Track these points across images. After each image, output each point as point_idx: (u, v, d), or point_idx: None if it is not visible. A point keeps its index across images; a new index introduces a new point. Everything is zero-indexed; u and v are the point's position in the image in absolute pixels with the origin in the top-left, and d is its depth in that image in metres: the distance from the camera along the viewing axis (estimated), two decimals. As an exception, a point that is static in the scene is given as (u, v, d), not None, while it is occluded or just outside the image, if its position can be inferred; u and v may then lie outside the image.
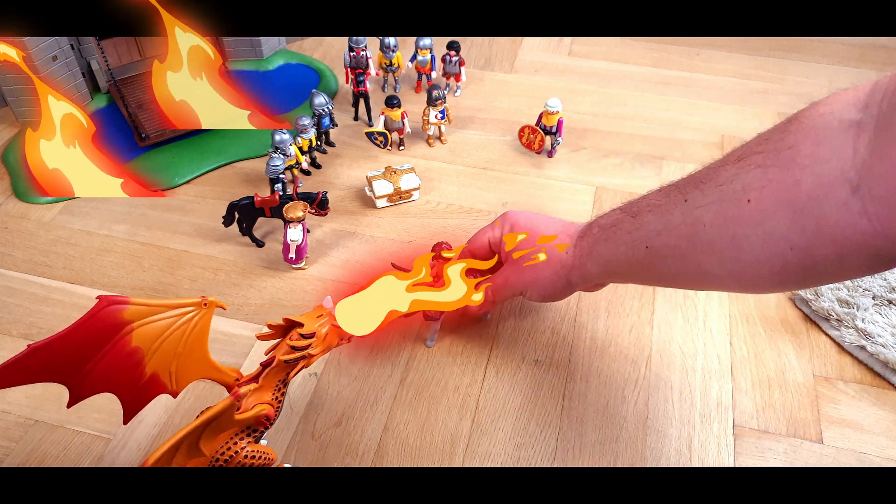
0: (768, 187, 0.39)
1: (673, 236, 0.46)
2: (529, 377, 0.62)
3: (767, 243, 0.40)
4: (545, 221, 0.58)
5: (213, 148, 0.86)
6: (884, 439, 0.58)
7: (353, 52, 0.87)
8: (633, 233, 0.49)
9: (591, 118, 0.93)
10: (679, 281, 0.50)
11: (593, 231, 0.53)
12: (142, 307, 0.44)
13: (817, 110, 0.39)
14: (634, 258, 0.49)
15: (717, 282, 0.46)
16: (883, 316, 0.65)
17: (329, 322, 0.49)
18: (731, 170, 0.42)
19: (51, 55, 0.84)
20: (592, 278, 0.54)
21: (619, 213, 0.51)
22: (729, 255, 0.42)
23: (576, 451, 0.57)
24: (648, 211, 0.48)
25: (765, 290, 0.46)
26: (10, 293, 0.69)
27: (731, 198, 0.41)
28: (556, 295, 0.58)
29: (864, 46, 1.10)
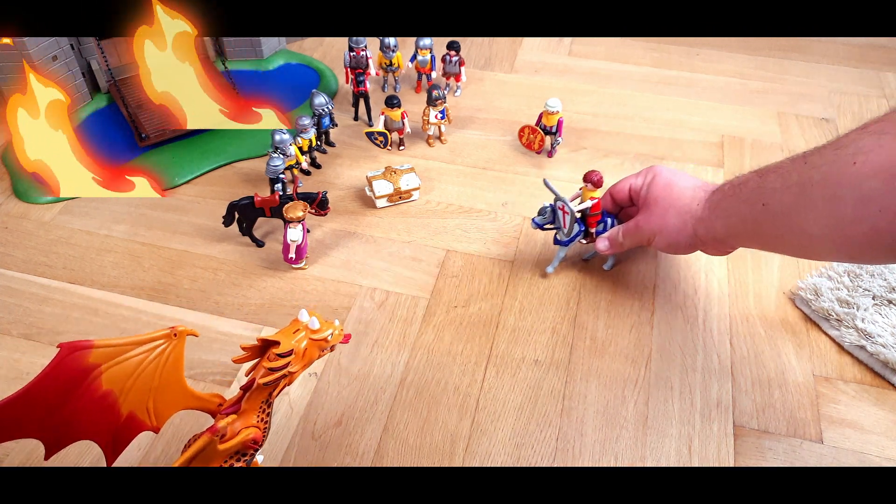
0: (876, 152, 0.41)
1: (786, 194, 0.48)
2: (529, 377, 0.62)
3: (860, 204, 0.42)
4: (685, 176, 0.62)
5: (213, 148, 0.86)
6: (884, 439, 0.58)
7: (353, 52, 0.87)
8: (756, 190, 0.51)
9: (591, 118, 0.93)
10: (787, 240, 0.52)
11: (724, 188, 0.56)
12: (108, 349, 0.42)
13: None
14: (751, 215, 0.52)
15: (818, 244, 0.48)
16: (883, 316, 0.65)
17: (307, 336, 0.47)
18: (853, 135, 0.44)
19: (51, 55, 0.84)
20: (716, 233, 0.57)
21: (750, 174, 0.54)
22: (826, 214, 0.44)
23: (576, 451, 0.57)
24: (774, 171, 0.50)
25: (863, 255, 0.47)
26: (10, 293, 0.69)
27: (842, 160, 0.43)
28: (681, 245, 0.61)
29: (864, 46, 1.10)
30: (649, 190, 0.62)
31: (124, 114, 0.88)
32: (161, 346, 0.45)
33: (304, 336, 0.47)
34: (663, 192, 0.61)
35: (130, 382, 0.44)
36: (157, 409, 0.46)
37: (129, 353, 0.43)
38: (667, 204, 0.60)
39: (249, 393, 0.47)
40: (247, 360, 0.47)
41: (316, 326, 0.48)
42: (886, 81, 1.02)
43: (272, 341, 0.46)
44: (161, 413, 0.46)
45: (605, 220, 0.67)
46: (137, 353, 0.44)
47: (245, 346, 0.47)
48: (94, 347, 0.42)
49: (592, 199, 0.66)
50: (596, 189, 0.65)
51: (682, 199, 0.60)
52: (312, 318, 0.48)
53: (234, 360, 0.47)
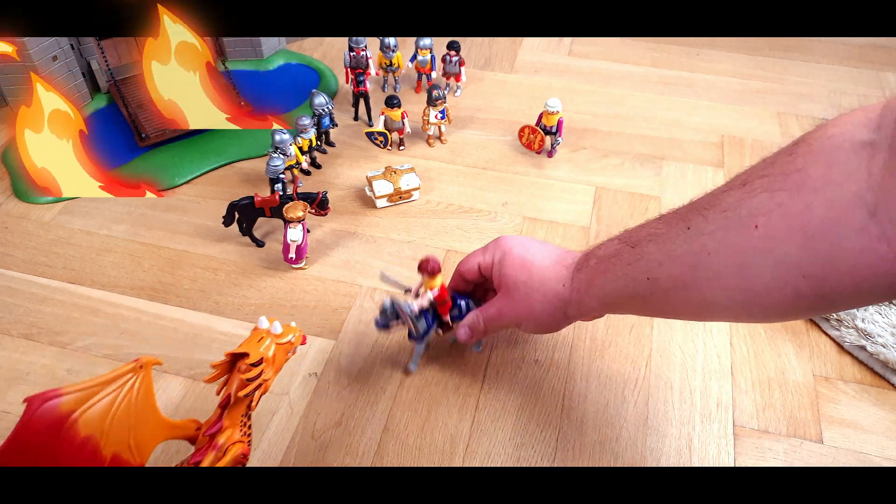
0: (776, 212, 0.38)
1: (676, 266, 0.43)
2: (529, 377, 0.62)
3: (778, 272, 0.38)
4: (539, 249, 0.55)
5: (213, 148, 0.86)
6: (884, 439, 0.58)
7: (353, 52, 0.87)
8: (633, 264, 0.46)
9: (591, 118, 0.94)
10: (683, 312, 0.48)
11: (591, 263, 0.51)
12: (77, 393, 0.41)
13: (826, 132, 0.37)
14: (635, 290, 0.47)
15: (724, 312, 0.44)
16: (883, 316, 0.65)
17: (273, 342, 0.47)
18: (736, 195, 0.40)
19: (51, 55, 0.84)
20: (591, 311, 0.52)
21: (617, 244, 0.49)
22: (736, 284, 0.40)
23: (576, 451, 0.57)
24: (649, 240, 0.46)
25: (774, 319, 0.45)
26: (10, 293, 0.69)
27: (738, 224, 0.39)
28: (552, 327, 0.56)
29: (864, 46, 1.10)
30: (503, 272, 0.55)
31: (124, 114, 0.88)
32: (130, 381, 0.44)
33: (270, 343, 0.47)
34: (522, 275, 0.54)
35: (107, 424, 0.43)
36: (139, 445, 0.45)
37: (99, 395, 0.42)
38: (528, 288, 0.54)
39: (228, 409, 0.46)
40: (217, 377, 0.47)
41: (279, 331, 0.48)
42: (886, 81, 1.02)
43: (240, 354, 0.46)
44: (143, 449, 0.45)
45: (459, 303, 0.59)
46: (107, 392, 0.43)
47: (214, 363, 0.46)
48: (63, 395, 0.41)
49: (432, 290, 0.57)
50: (434, 278, 0.56)
51: (544, 283, 0.53)
52: (275, 322, 0.48)
53: (205, 380, 0.47)
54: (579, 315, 0.53)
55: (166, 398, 0.59)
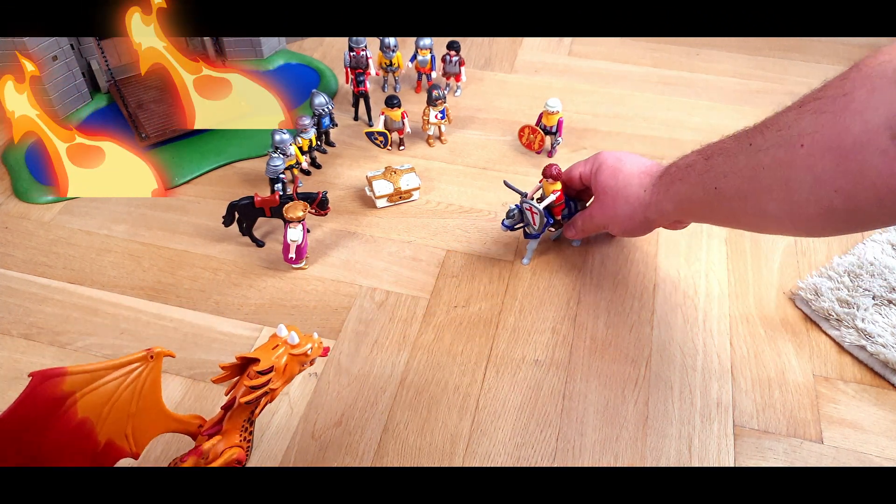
0: (820, 132, 0.42)
1: (737, 178, 0.49)
2: (529, 377, 0.62)
3: (815, 186, 0.43)
4: (631, 161, 0.63)
5: (213, 148, 0.86)
6: (884, 439, 0.58)
7: (353, 52, 0.87)
8: (704, 174, 0.53)
9: (591, 118, 0.93)
10: (743, 220, 0.53)
11: (671, 171, 0.58)
12: (82, 375, 0.41)
13: (877, 58, 0.40)
14: (704, 198, 0.53)
15: (776, 223, 0.49)
16: (883, 316, 0.65)
17: (287, 352, 0.47)
18: (792, 115, 0.45)
19: (51, 55, 0.84)
20: (668, 215, 0.59)
21: (695, 156, 0.55)
22: (783, 197, 0.45)
23: (576, 451, 0.57)
24: (719, 154, 0.52)
25: (817, 231, 0.50)
26: (10, 293, 0.69)
27: (788, 142, 0.44)
28: (635, 230, 0.64)
29: (864, 46, 1.09)
30: (597, 179, 0.64)
31: (124, 114, 0.88)
32: (137, 370, 0.44)
33: (283, 352, 0.46)
34: (611, 181, 0.63)
35: (107, 409, 0.43)
36: (136, 434, 0.45)
37: (104, 379, 0.42)
38: (615, 192, 0.62)
39: (231, 412, 0.46)
40: (226, 379, 0.46)
41: (295, 341, 0.47)
42: (886, 81, 1.02)
43: (252, 359, 0.45)
44: (140, 438, 0.45)
45: (570, 203, 0.70)
46: (113, 377, 0.43)
47: (224, 364, 0.46)
48: (68, 374, 0.41)
49: (555, 192, 0.68)
50: (556, 182, 0.67)
51: (629, 187, 0.61)
52: (291, 332, 0.47)
53: (213, 381, 0.47)
54: (657, 217, 0.60)
55: (166, 398, 0.59)
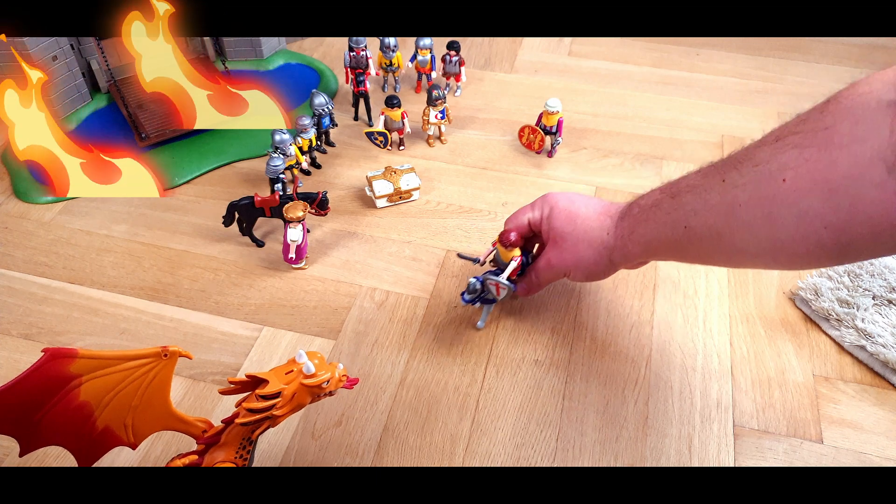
0: (804, 167, 0.40)
1: (711, 215, 0.47)
2: (529, 377, 0.62)
3: (802, 222, 0.41)
4: (585, 202, 0.59)
5: (213, 148, 0.86)
6: (884, 439, 0.58)
7: (353, 52, 0.87)
8: (672, 213, 0.50)
9: (591, 118, 0.93)
10: (716, 258, 0.52)
11: (633, 212, 0.55)
12: (91, 360, 0.42)
13: (856, 90, 0.40)
14: (673, 238, 0.51)
15: (753, 259, 0.47)
16: (883, 316, 0.65)
17: (298, 380, 0.44)
18: (769, 150, 0.43)
19: (51, 55, 0.84)
20: (634, 257, 0.56)
21: (658, 194, 0.53)
22: (764, 234, 0.44)
23: (576, 451, 0.57)
24: (687, 191, 0.49)
25: (800, 267, 0.49)
26: (10, 293, 0.69)
27: (768, 177, 0.42)
28: (599, 274, 0.60)
29: (864, 46, 1.10)
30: (551, 224, 0.59)
31: (124, 114, 0.88)
32: (148, 365, 0.44)
33: (295, 378, 0.44)
34: (568, 226, 0.58)
35: (109, 397, 0.43)
36: (136, 426, 0.45)
37: (112, 368, 0.43)
38: (575, 238, 0.58)
39: (230, 427, 0.45)
40: (233, 392, 0.45)
41: (310, 371, 0.44)
42: (886, 81, 1.02)
43: (261, 379, 0.44)
44: (140, 431, 0.45)
45: (522, 260, 0.62)
46: (121, 368, 0.43)
47: (233, 379, 0.45)
48: (78, 357, 0.41)
49: (515, 259, 0.61)
50: (514, 248, 0.61)
51: (590, 231, 0.57)
52: (308, 361, 0.44)
53: (220, 392, 0.46)
54: (623, 261, 0.57)
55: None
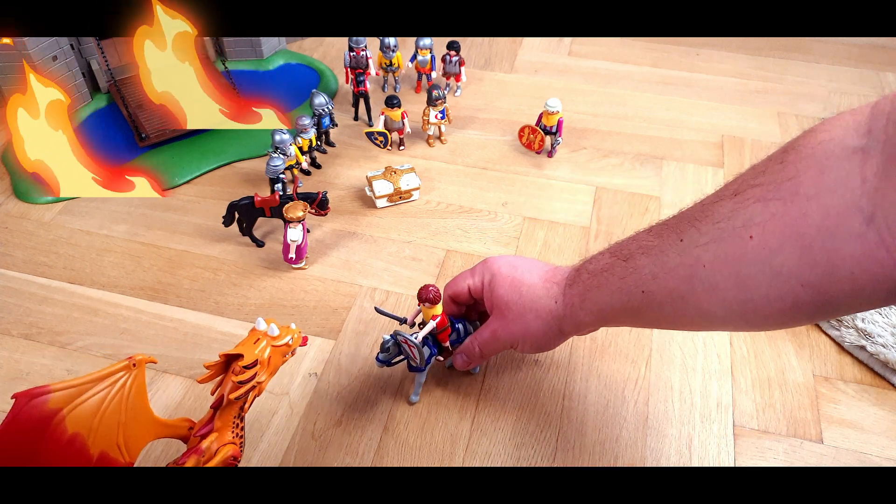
0: (771, 222, 0.37)
1: (671, 279, 0.43)
2: (529, 377, 0.62)
3: (776, 281, 0.38)
4: (528, 268, 0.54)
5: (213, 148, 0.86)
6: (884, 439, 0.58)
7: (353, 52, 0.87)
8: (626, 278, 0.46)
9: (591, 118, 0.93)
10: (680, 324, 0.48)
11: (583, 278, 0.50)
12: (66, 391, 0.41)
13: (815, 138, 0.37)
14: (630, 303, 0.46)
15: (721, 323, 0.44)
16: (883, 316, 0.65)
17: (269, 344, 0.47)
18: (728, 205, 0.40)
19: (51, 55, 0.84)
20: (585, 326, 0.52)
21: (608, 257, 0.48)
22: (733, 296, 0.40)
23: (576, 451, 0.57)
24: (641, 253, 0.45)
25: (773, 328, 0.46)
26: (10, 293, 0.69)
27: (732, 235, 0.39)
28: (547, 345, 0.55)
29: (864, 46, 1.10)
30: (494, 293, 0.54)
31: (124, 114, 0.88)
32: (122, 379, 0.44)
33: (266, 345, 0.47)
34: (513, 295, 0.53)
35: (96, 422, 0.43)
36: (128, 443, 0.45)
37: (89, 392, 0.42)
38: (520, 307, 0.53)
39: (220, 410, 0.46)
40: (211, 378, 0.46)
41: (276, 333, 0.47)
42: (886, 81, 1.02)
43: (235, 355, 0.45)
44: (132, 447, 0.45)
45: (457, 327, 0.58)
46: (98, 389, 0.43)
47: (208, 364, 0.46)
48: (52, 392, 0.41)
49: (435, 318, 0.56)
50: (435, 305, 0.55)
51: (536, 301, 0.52)
52: (271, 325, 0.47)
53: (198, 381, 0.47)
54: (574, 330, 0.53)
55: (166, 398, 0.60)
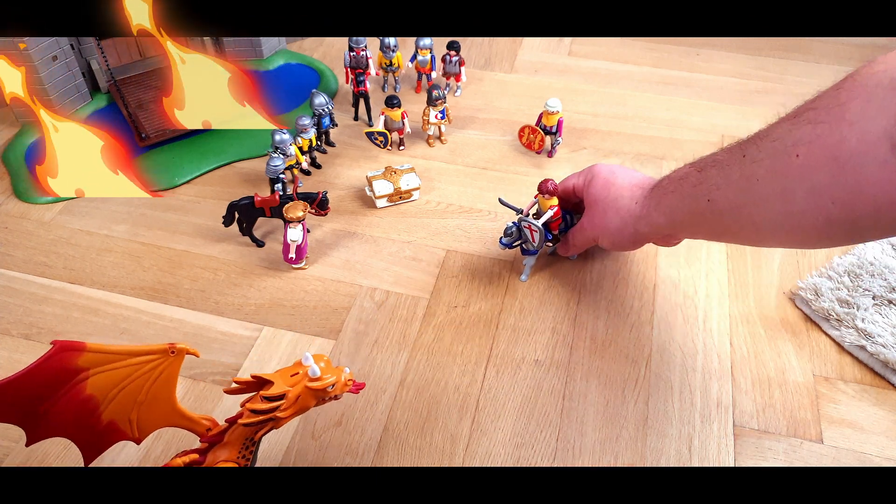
0: (816, 143, 0.41)
1: (731, 190, 0.48)
2: (529, 377, 0.62)
3: (812, 197, 0.41)
4: (624, 173, 0.62)
5: (213, 148, 0.86)
6: (884, 439, 0.58)
7: (353, 52, 0.87)
8: (697, 186, 0.51)
9: (591, 118, 0.93)
10: (737, 233, 0.52)
11: (663, 184, 0.56)
12: (99, 354, 0.42)
13: (872, 68, 0.40)
14: (697, 210, 0.52)
15: (770, 235, 0.48)
16: (883, 316, 0.65)
17: (303, 382, 0.44)
18: (786, 126, 0.44)
19: (51, 55, 0.84)
20: (660, 228, 0.57)
21: (688, 168, 0.54)
22: (778, 209, 0.44)
23: (576, 451, 0.57)
24: (712, 166, 0.50)
25: (814, 243, 0.50)
26: (10, 293, 0.69)
27: (783, 153, 0.43)
28: (625, 243, 0.62)
29: (864, 46, 1.10)
30: (588, 191, 0.63)
31: (124, 114, 0.88)
32: (155, 361, 0.44)
33: (300, 380, 0.44)
34: (602, 193, 0.62)
35: (115, 392, 0.43)
36: (141, 421, 0.45)
37: (119, 363, 0.43)
38: (605, 205, 0.61)
39: (234, 427, 0.45)
40: (238, 392, 0.46)
41: (315, 374, 0.44)
42: (886, 81, 1.02)
43: (266, 380, 0.44)
44: (144, 426, 0.46)
45: (566, 218, 0.67)
46: (128, 364, 0.43)
47: (239, 380, 0.45)
48: (86, 351, 0.42)
49: (552, 208, 0.65)
50: (553, 197, 0.64)
51: (620, 199, 0.60)
52: (314, 364, 0.44)
53: (225, 391, 0.46)
54: (649, 230, 0.58)
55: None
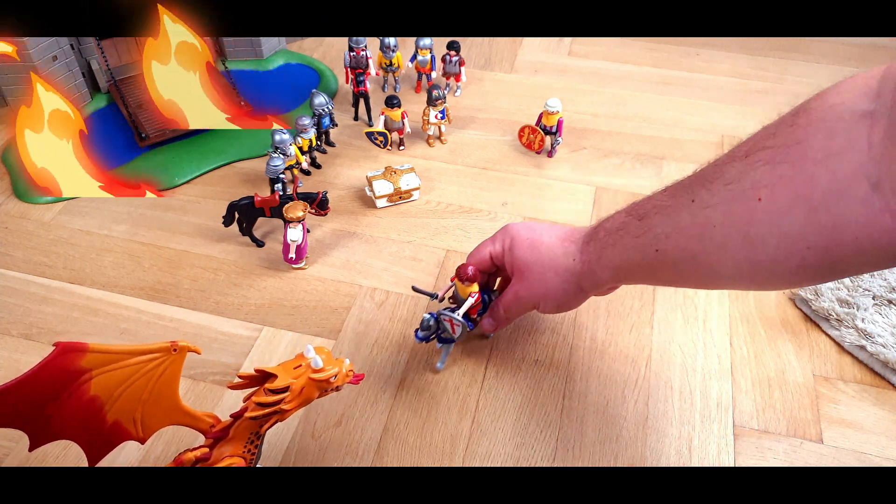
0: (779, 184, 0.38)
1: (682, 238, 0.45)
2: (529, 377, 0.62)
3: (783, 242, 0.39)
4: (546, 229, 0.57)
5: (213, 148, 0.86)
6: (884, 439, 0.58)
7: (353, 52, 0.87)
8: (640, 236, 0.48)
9: (591, 118, 0.93)
10: (691, 281, 0.50)
11: (599, 236, 0.52)
12: (102, 354, 0.42)
13: (826, 101, 0.38)
14: (644, 261, 0.48)
15: (731, 281, 0.45)
16: (883, 316, 0.65)
17: (306, 374, 0.44)
18: (738, 166, 0.41)
19: (51, 55, 0.84)
20: (603, 283, 0.54)
21: (624, 216, 0.50)
22: (743, 256, 0.41)
23: (576, 451, 0.57)
24: (655, 213, 0.47)
25: (780, 287, 0.47)
26: (10, 293, 0.69)
27: (741, 196, 0.40)
28: (569, 303, 0.57)
29: (864, 46, 1.10)
30: (514, 256, 0.56)
31: (124, 114, 0.88)
32: (157, 360, 0.44)
33: (304, 373, 0.45)
34: (531, 255, 0.56)
35: (119, 391, 0.43)
36: (145, 421, 0.45)
37: (122, 363, 0.43)
38: (540, 267, 0.55)
39: (239, 422, 0.46)
40: (242, 387, 0.46)
41: (318, 366, 0.45)
42: (886, 81, 1.02)
43: (270, 374, 0.44)
44: (149, 425, 0.46)
45: (483, 298, 0.61)
46: (131, 363, 0.43)
47: (242, 374, 0.45)
48: (89, 352, 0.42)
49: (473, 295, 0.58)
50: (472, 284, 0.58)
51: (554, 259, 0.55)
52: (315, 356, 0.45)
53: (229, 386, 0.46)
54: (593, 287, 0.55)
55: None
